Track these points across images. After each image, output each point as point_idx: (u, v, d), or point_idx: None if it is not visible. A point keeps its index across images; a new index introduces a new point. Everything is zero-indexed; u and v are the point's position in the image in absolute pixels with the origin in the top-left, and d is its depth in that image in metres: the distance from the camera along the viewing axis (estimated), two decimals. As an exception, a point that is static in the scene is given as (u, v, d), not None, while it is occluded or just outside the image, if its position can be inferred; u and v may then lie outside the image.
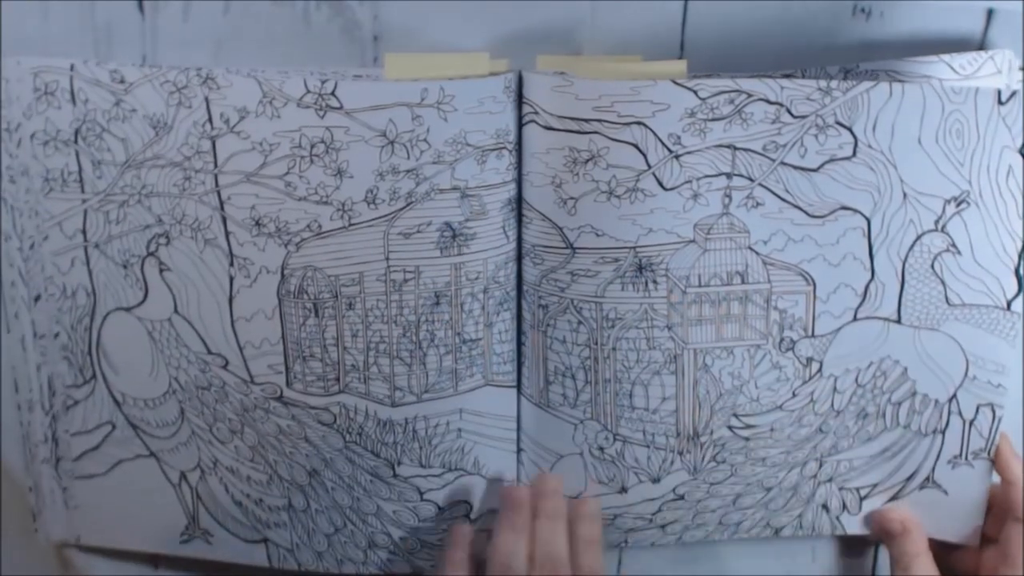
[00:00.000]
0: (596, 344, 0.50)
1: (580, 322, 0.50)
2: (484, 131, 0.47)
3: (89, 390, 0.52)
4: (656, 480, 0.52)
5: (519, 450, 0.52)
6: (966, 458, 0.52)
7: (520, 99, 0.48)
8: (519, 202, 0.50)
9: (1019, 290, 0.49)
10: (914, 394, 0.51)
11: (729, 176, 0.48)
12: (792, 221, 0.49)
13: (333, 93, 0.47)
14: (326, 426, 0.50)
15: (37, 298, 0.51)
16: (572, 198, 0.48)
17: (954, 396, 0.51)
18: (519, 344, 0.52)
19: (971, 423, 0.51)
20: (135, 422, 0.52)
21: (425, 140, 0.47)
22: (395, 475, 0.50)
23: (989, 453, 0.51)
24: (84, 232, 0.50)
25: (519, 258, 0.51)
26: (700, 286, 0.49)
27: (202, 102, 0.48)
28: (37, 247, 0.50)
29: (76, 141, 0.49)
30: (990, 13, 0.50)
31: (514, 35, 0.49)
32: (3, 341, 0.51)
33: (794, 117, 0.47)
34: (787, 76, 0.47)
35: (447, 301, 0.49)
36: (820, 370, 0.51)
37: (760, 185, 0.48)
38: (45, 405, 0.52)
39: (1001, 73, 0.49)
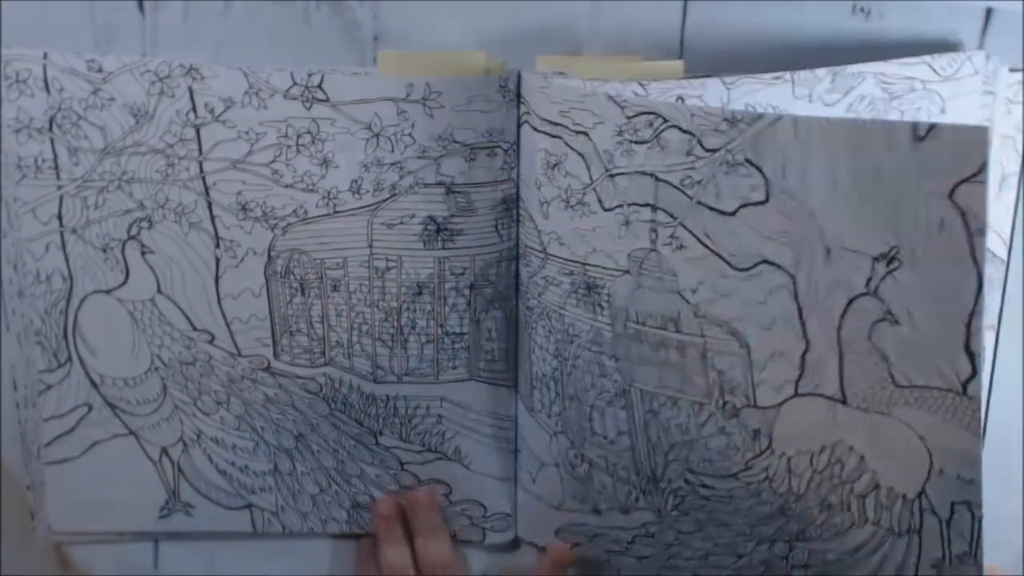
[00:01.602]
0: (560, 357, 0.50)
1: (550, 331, 0.50)
2: (474, 129, 0.49)
3: (63, 374, 0.52)
4: (625, 511, 0.51)
5: (516, 450, 0.55)
6: (950, 563, 0.44)
7: (519, 99, 0.49)
8: (517, 202, 0.51)
9: (973, 372, 0.40)
10: (877, 487, 0.44)
11: (654, 208, 0.45)
12: (717, 271, 0.45)
13: (319, 86, 0.48)
14: (312, 394, 0.53)
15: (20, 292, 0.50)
16: (546, 202, 0.49)
17: (923, 492, 0.43)
18: (517, 344, 0.53)
19: (948, 523, 0.44)
20: (113, 402, 0.53)
21: (410, 135, 0.49)
22: (377, 443, 0.54)
23: (976, 558, 0.43)
24: (60, 217, 0.50)
25: (518, 258, 0.52)
26: (637, 323, 0.47)
27: (185, 92, 0.48)
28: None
29: (51, 129, 0.48)
30: (989, 13, 0.50)
31: (514, 35, 0.49)
32: (3, 339, 0.51)
33: (705, 151, 0.43)
34: (776, 77, 0.47)
35: (429, 292, 0.51)
36: (771, 446, 0.46)
37: (681, 225, 0.45)
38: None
39: (979, 74, 0.49)
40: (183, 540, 0.55)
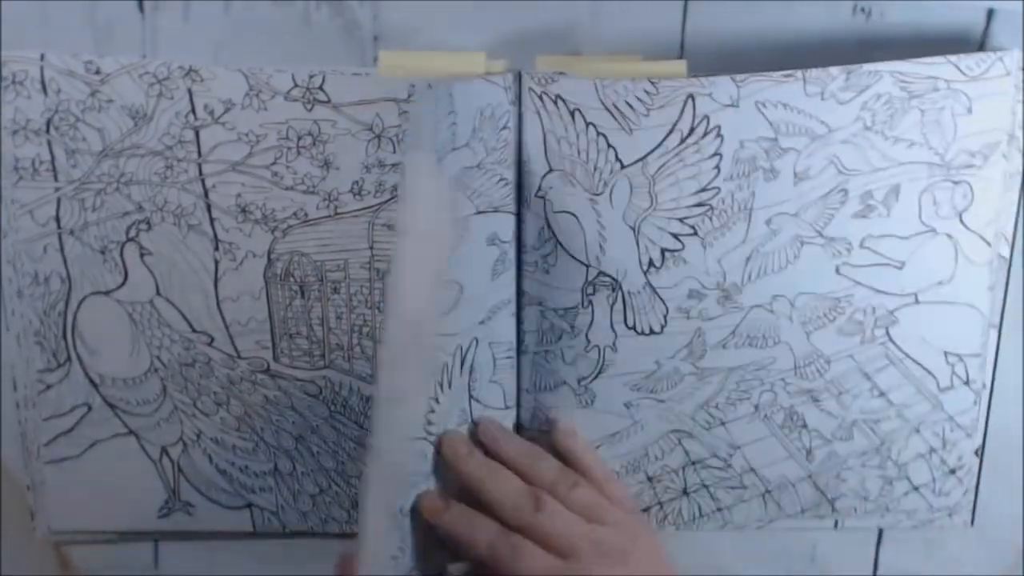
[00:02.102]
0: None
1: None
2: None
3: (63, 374, 0.52)
4: None
5: None
6: None
7: (519, 99, 0.49)
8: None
9: None
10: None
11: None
12: None
13: (321, 87, 0.48)
14: (312, 397, 0.53)
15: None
16: None
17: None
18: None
19: None
20: (113, 402, 0.53)
21: (411, 135, 0.49)
22: (378, 443, 0.54)
23: None
24: (58, 219, 0.50)
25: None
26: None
27: (185, 94, 0.48)
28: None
29: (48, 131, 0.48)
30: (990, 13, 0.50)
31: (514, 35, 0.49)
32: (3, 339, 0.51)
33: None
34: (787, 75, 0.48)
35: None
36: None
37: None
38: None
39: (1011, 75, 0.49)
40: (183, 540, 0.55)
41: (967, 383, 0.54)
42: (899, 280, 0.52)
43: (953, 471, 0.55)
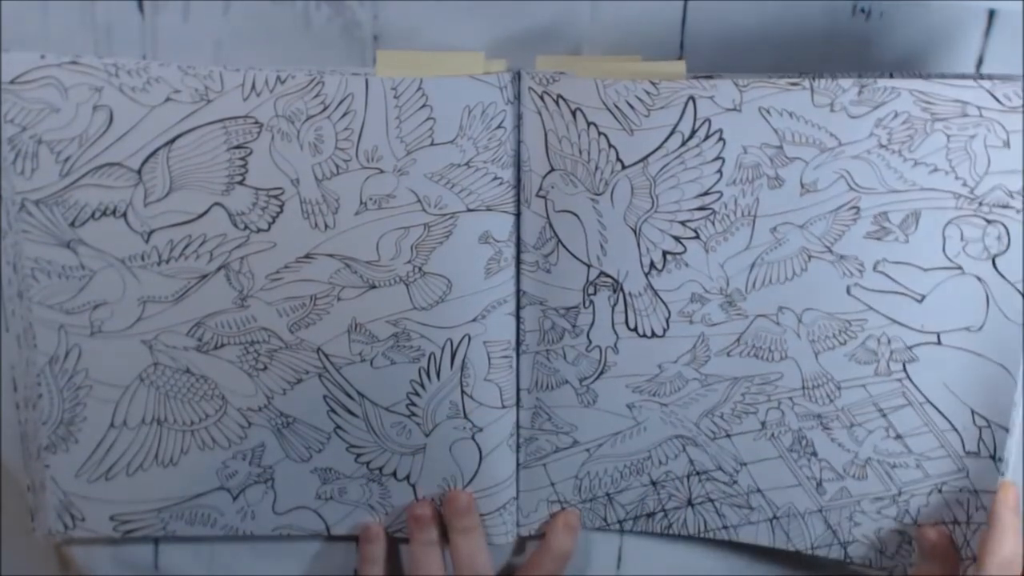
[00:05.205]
0: None
1: None
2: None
3: None
4: None
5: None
6: None
7: (519, 99, 0.49)
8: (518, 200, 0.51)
9: None
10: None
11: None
12: None
13: None
14: None
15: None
16: None
17: None
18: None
19: None
20: None
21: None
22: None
23: None
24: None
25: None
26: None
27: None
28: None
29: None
30: (991, 14, 0.50)
31: (514, 35, 0.50)
32: (3, 339, 0.51)
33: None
34: (793, 83, 0.46)
35: None
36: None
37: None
38: None
39: None
40: (183, 540, 0.55)
41: (993, 458, 0.50)
42: (919, 314, 0.49)
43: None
